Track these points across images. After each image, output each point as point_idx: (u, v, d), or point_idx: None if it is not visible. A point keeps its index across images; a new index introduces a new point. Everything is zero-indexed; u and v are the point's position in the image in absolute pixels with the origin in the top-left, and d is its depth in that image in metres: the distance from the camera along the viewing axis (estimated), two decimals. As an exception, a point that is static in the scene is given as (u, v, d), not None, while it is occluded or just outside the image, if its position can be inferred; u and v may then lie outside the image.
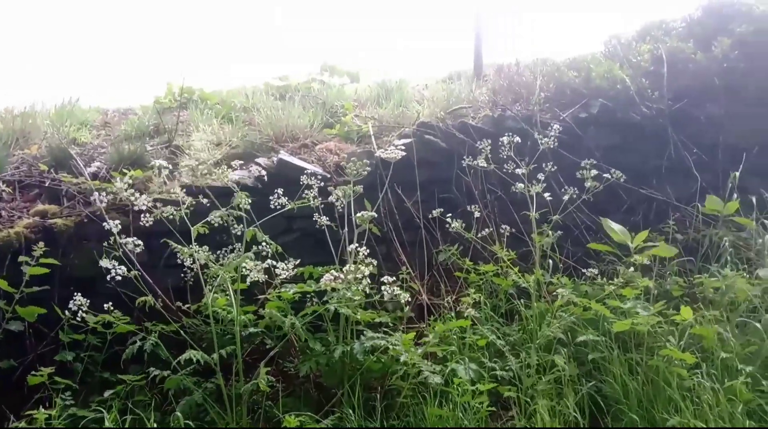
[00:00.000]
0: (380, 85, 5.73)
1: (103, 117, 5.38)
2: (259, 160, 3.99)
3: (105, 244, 2.88)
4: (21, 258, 3.09)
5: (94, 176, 3.84)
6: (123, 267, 2.73)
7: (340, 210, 3.32)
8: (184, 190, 3.05)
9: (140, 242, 2.81)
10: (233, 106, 5.21)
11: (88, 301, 2.79)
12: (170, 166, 2.99)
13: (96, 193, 2.89)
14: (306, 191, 3.24)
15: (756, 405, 2.72)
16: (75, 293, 2.78)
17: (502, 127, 4.50)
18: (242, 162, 3.49)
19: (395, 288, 2.81)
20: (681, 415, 2.70)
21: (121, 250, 2.81)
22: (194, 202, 2.98)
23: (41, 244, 3.10)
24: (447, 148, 4.40)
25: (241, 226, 3.12)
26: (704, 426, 2.61)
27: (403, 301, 2.81)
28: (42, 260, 3.07)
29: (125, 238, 2.78)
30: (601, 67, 4.98)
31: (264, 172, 3.18)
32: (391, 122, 4.77)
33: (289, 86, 5.73)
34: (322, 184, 3.32)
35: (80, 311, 2.76)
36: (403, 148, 3.54)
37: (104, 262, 2.73)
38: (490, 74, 5.71)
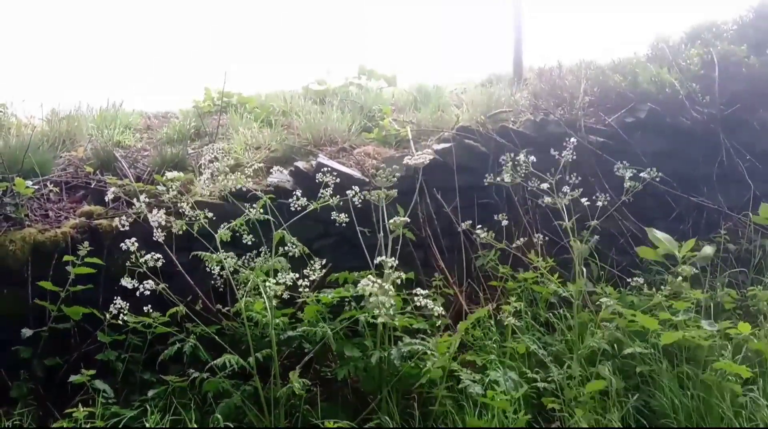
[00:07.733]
0: (418, 88, 5.69)
1: (145, 120, 5.48)
2: (298, 163, 3.99)
3: (128, 262, 2.78)
4: (66, 257, 3.15)
5: (138, 178, 3.90)
6: (150, 282, 2.70)
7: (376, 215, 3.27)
8: (224, 192, 3.06)
9: (159, 256, 2.78)
10: (272, 110, 5.24)
11: (129, 301, 2.81)
12: (213, 168, 3.01)
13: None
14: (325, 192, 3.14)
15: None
16: (117, 294, 2.81)
17: (544, 131, 4.41)
18: (281, 166, 3.48)
19: (428, 301, 2.73)
20: (734, 432, 2.58)
21: (161, 251, 2.84)
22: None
23: (86, 244, 3.18)
24: (487, 152, 4.32)
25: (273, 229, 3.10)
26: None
27: (436, 313, 2.73)
28: (87, 259, 3.13)
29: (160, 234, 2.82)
30: (649, 71, 4.83)
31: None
32: (430, 126, 4.71)
33: (327, 90, 5.74)
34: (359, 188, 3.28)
35: (121, 314, 2.78)
36: (433, 152, 3.48)
37: (125, 282, 2.71)
38: (530, 77, 5.60)
